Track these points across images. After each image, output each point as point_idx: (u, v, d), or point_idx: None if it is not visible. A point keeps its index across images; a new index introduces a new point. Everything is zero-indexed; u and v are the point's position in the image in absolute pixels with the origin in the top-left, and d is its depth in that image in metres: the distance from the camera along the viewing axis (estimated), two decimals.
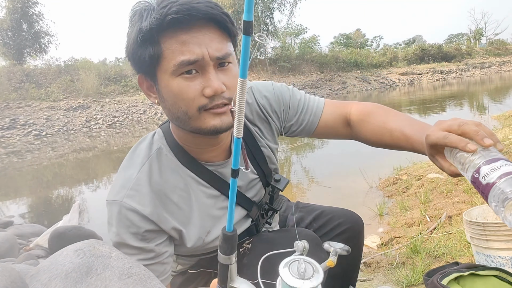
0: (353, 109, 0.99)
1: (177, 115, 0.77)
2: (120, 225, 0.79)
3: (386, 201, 3.45)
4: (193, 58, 0.71)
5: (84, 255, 0.68)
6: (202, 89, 0.74)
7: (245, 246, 0.93)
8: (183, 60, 0.71)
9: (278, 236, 0.94)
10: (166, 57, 0.72)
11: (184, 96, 0.74)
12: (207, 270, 0.96)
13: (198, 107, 0.75)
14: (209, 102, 0.74)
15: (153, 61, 0.73)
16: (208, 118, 0.76)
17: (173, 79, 0.74)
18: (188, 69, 0.73)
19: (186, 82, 0.73)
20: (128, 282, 0.64)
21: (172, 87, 0.74)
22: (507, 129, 5.69)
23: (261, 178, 0.98)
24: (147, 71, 0.77)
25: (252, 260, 0.90)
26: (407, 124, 0.85)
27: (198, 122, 0.76)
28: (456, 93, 16.67)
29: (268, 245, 0.91)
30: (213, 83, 0.73)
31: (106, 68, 19.72)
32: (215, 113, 0.76)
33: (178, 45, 0.72)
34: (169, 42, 0.72)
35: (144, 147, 0.87)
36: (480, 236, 1.55)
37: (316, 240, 0.93)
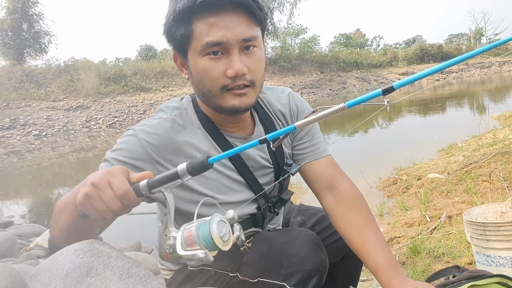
0: (345, 185, 1.01)
1: (202, 91, 0.84)
2: (119, 146, 0.84)
3: (386, 201, 3.45)
4: (218, 40, 0.77)
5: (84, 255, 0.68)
6: (225, 70, 0.79)
7: (245, 245, 0.93)
8: (208, 41, 0.77)
9: (279, 235, 0.94)
10: (196, 37, 0.79)
11: (209, 75, 0.80)
12: (208, 268, 0.96)
13: (221, 86, 0.81)
14: (231, 82, 0.80)
15: (184, 40, 0.80)
16: (229, 98, 0.82)
17: (200, 58, 0.80)
18: (214, 50, 0.79)
19: (211, 62, 0.79)
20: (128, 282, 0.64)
21: (199, 66, 0.81)
22: (507, 129, 5.69)
23: (275, 170, 1.01)
24: (179, 48, 0.84)
25: (252, 258, 0.90)
26: (385, 256, 0.88)
27: (220, 100, 0.82)
28: (456, 93, 16.67)
29: (268, 244, 0.91)
30: (235, 65, 0.78)
31: (106, 68, 19.70)
32: (236, 94, 0.82)
33: (206, 27, 0.77)
34: (199, 23, 0.78)
35: (173, 104, 0.93)
36: (480, 236, 1.55)
37: (316, 240, 0.93)
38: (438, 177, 3.62)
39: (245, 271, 0.89)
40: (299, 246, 0.89)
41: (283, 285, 0.85)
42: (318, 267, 0.88)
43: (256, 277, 0.87)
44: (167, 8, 0.84)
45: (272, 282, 0.86)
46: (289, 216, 1.23)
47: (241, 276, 0.90)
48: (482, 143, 4.95)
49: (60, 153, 10.02)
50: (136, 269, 0.68)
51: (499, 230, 1.48)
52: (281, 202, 1.04)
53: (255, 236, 0.96)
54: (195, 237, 0.59)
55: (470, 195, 2.94)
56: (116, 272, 0.65)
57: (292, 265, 0.86)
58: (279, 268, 0.86)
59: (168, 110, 0.91)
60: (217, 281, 0.94)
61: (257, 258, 0.89)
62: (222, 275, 0.93)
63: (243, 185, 0.95)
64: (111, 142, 11.64)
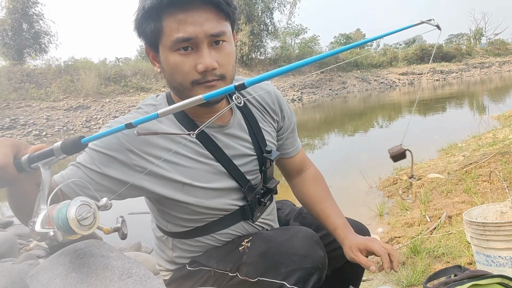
0: (311, 169, 1.20)
1: (174, 85, 0.87)
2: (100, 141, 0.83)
3: (386, 201, 3.45)
4: (187, 35, 0.79)
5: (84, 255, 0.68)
6: (195, 65, 0.81)
7: (244, 245, 0.93)
8: (178, 37, 0.79)
9: (278, 234, 0.94)
10: (166, 33, 0.81)
11: (180, 69, 0.82)
12: (206, 268, 0.96)
13: (192, 81, 0.83)
14: (201, 77, 0.82)
15: (154, 35, 0.82)
16: (200, 91, 0.83)
17: (171, 53, 0.82)
18: (184, 46, 0.81)
19: (181, 57, 0.82)
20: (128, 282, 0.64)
21: (169, 61, 0.83)
22: (507, 129, 5.69)
23: (258, 158, 1.01)
24: (151, 43, 0.86)
25: (251, 258, 0.89)
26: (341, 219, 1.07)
27: (191, 94, 0.83)
28: (456, 93, 16.66)
29: (267, 243, 0.91)
30: (205, 60, 0.80)
31: (106, 68, 19.68)
32: (206, 87, 0.83)
33: (175, 23, 0.79)
34: (168, 20, 0.80)
35: (148, 101, 0.96)
36: (480, 236, 1.55)
37: (315, 238, 0.92)
38: (438, 177, 3.62)
39: (245, 270, 0.89)
40: (298, 244, 0.89)
41: (283, 284, 0.85)
42: (318, 265, 0.88)
43: (256, 277, 0.87)
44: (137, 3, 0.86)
45: (272, 281, 0.86)
46: (289, 218, 1.22)
47: (241, 276, 0.89)
48: (482, 143, 4.95)
49: None
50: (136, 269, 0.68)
51: (499, 230, 1.48)
52: (268, 192, 1.04)
53: (254, 235, 0.96)
54: (52, 216, 0.60)
55: (470, 195, 2.94)
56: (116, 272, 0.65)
57: (292, 264, 0.86)
58: (279, 267, 0.86)
59: (144, 107, 0.93)
60: (217, 281, 0.93)
61: (257, 258, 0.89)
62: (222, 275, 0.93)
63: (224, 174, 0.95)
64: None
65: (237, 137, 0.98)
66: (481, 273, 1.11)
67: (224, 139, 0.95)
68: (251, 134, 1.00)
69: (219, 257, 0.95)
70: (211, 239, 0.98)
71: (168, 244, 1.02)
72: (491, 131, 5.81)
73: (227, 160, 0.95)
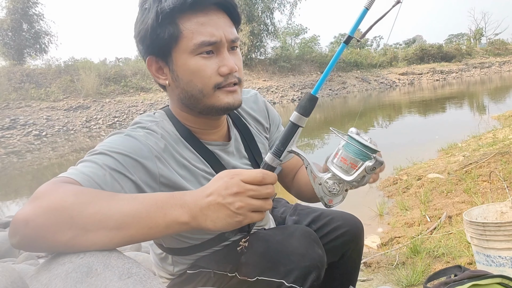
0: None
1: (191, 93, 0.83)
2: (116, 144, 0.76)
3: (386, 201, 3.45)
4: (213, 39, 0.79)
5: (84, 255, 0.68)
6: (217, 68, 0.81)
7: (241, 245, 0.93)
8: (203, 41, 0.78)
9: (275, 233, 0.94)
10: (186, 37, 0.78)
11: (202, 73, 0.80)
12: (206, 270, 0.96)
13: (214, 84, 0.82)
14: (223, 80, 0.82)
15: (172, 40, 0.79)
16: (222, 96, 0.83)
17: (191, 58, 0.80)
18: (207, 50, 0.79)
19: (204, 61, 0.80)
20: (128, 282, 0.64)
21: (190, 65, 0.80)
22: (507, 129, 5.69)
23: None
24: (160, 52, 0.82)
25: (250, 258, 0.89)
26: None
27: (212, 100, 0.83)
28: (456, 93, 16.66)
29: (265, 242, 0.91)
30: (229, 62, 0.81)
31: (106, 68, 19.69)
32: (228, 91, 0.83)
33: (197, 26, 0.78)
34: (189, 23, 0.78)
35: (146, 118, 0.88)
36: (480, 236, 1.55)
37: (312, 236, 0.92)
38: (438, 177, 3.62)
39: (244, 271, 0.89)
40: (296, 243, 0.89)
41: (282, 283, 0.85)
42: (316, 263, 0.87)
43: (255, 276, 0.87)
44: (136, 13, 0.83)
45: (271, 280, 0.86)
46: (284, 215, 1.22)
47: (240, 276, 0.89)
48: (482, 143, 4.95)
49: (60, 153, 10.01)
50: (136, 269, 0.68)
51: (499, 230, 1.48)
52: None
53: (251, 235, 0.96)
54: (352, 158, 0.64)
55: (470, 195, 2.94)
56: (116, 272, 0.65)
57: (290, 263, 0.86)
58: (277, 266, 0.86)
59: (145, 122, 0.87)
60: (216, 282, 0.93)
61: (255, 258, 0.89)
62: (221, 276, 0.93)
63: None
64: None
65: (237, 155, 0.98)
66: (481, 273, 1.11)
67: (227, 157, 0.94)
68: (247, 150, 1.00)
69: (218, 258, 0.95)
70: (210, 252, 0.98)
71: (167, 260, 1.01)
72: (491, 131, 5.81)
73: None
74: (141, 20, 0.81)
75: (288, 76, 23.22)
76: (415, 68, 28.08)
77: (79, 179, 0.67)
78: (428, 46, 31.35)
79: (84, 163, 0.74)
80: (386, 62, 28.91)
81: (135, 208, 0.62)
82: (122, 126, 14.88)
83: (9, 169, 8.56)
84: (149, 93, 18.51)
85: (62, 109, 15.81)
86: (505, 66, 30.94)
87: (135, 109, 16.36)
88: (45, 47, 21.66)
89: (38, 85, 17.12)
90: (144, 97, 17.83)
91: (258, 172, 0.66)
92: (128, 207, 0.62)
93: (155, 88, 19.11)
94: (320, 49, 29.84)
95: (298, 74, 23.78)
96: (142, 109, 16.39)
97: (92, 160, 0.73)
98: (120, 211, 0.61)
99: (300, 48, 27.47)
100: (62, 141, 12.47)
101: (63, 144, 11.78)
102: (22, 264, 2.21)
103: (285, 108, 16.99)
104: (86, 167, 0.71)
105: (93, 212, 0.60)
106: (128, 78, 19.24)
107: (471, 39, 39.89)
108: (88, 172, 0.70)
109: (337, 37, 38.29)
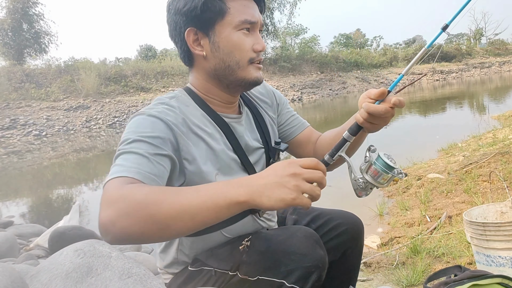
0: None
1: (228, 64, 0.94)
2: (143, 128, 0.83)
3: (386, 201, 3.45)
4: (253, 20, 0.93)
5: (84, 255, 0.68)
6: (253, 45, 0.93)
7: (244, 244, 0.93)
8: (246, 19, 0.91)
9: (277, 233, 0.94)
10: (232, 14, 0.91)
11: (242, 47, 0.93)
12: (208, 268, 0.96)
13: (249, 58, 0.94)
14: (256, 56, 0.95)
15: (219, 14, 0.91)
16: (253, 70, 0.95)
17: (234, 32, 0.92)
18: (247, 27, 0.92)
19: (244, 36, 0.93)
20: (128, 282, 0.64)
21: (232, 38, 0.92)
22: (507, 129, 5.69)
23: (265, 151, 1.07)
24: (204, 24, 0.92)
25: (251, 257, 0.90)
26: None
27: (244, 73, 0.95)
28: (456, 93, 16.66)
29: (267, 242, 0.91)
30: (262, 41, 0.95)
31: (106, 68, 19.66)
32: (257, 67, 0.96)
33: (241, 7, 0.92)
34: (234, 3, 0.91)
35: (167, 95, 0.97)
36: (480, 236, 1.55)
37: (314, 237, 0.93)
38: (438, 177, 3.62)
39: (245, 269, 0.89)
40: (298, 243, 0.89)
41: (283, 283, 0.85)
42: (318, 264, 0.88)
43: (256, 276, 0.87)
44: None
45: (272, 280, 0.86)
46: (284, 215, 1.23)
47: (241, 274, 0.89)
48: (482, 143, 4.95)
49: (60, 153, 10.02)
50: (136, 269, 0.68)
51: (499, 230, 1.48)
52: None
53: (253, 235, 0.96)
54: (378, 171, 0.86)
55: (470, 195, 2.94)
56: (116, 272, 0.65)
57: (291, 263, 0.86)
58: (279, 266, 0.86)
59: (164, 99, 0.95)
60: (218, 281, 0.94)
61: (256, 257, 0.89)
62: (222, 275, 0.93)
63: (239, 167, 1.00)
64: (111, 142, 11.64)
65: (247, 128, 1.05)
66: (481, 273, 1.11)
67: (239, 128, 1.02)
68: (256, 126, 1.08)
69: (220, 256, 0.95)
70: (218, 236, 0.99)
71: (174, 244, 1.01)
72: (491, 131, 5.81)
73: (242, 152, 1.00)
74: None
75: (288, 76, 23.21)
76: (415, 68, 28.04)
77: (139, 178, 0.73)
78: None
79: (125, 155, 0.78)
80: (386, 62, 28.91)
81: (201, 199, 0.68)
82: (122, 126, 14.88)
83: (9, 169, 8.56)
84: (149, 93, 18.51)
85: (62, 109, 15.80)
86: (505, 66, 30.94)
87: (135, 109, 16.36)
88: (45, 47, 21.64)
89: (38, 85, 17.12)
90: (144, 97, 17.82)
91: (313, 159, 0.72)
92: (196, 200, 0.68)
93: (155, 88, 19.11)
94: (320, 49, 29.81)
95: (298, 74, 23.77)
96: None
97: (132, 151, 0.78)
98: (190, 204, 0.67)
99: (300, 48, 27.45)
100: (62, 141, 12.46)
101: (63, 144, 11.78)
102: (22, 264, 2.21)
103: None
104: (130, 161, 0.76)
105: (168, 209, 0.67)
106: (128, 78, 19.23)
107: (471, 39, 39.87)
108: (137, 166, 0.75)
109: (337, 37, 38.28)
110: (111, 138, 12.49)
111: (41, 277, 0.65)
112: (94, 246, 0.73)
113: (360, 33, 41.09)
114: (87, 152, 9.97)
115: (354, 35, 40.06)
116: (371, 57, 29.20)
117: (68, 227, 2.81)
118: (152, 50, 26.43)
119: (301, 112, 15.56)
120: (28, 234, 3.39)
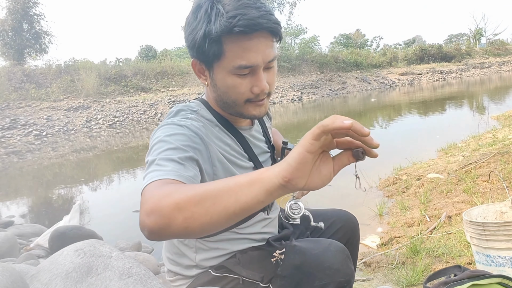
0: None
1: (225, 101, 0.93)
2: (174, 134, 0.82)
3: (386, 201, 3.45)
4: (250, 64, 0.85)
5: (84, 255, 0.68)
6: (251, 87, 0.89)
7: (277, 256, 0.94)
8: (241, 64, 0.85)
9: (311, 247, 0.95)
10: (227, 58, 0.85)
11: (236, 90, 0.89)
12: (234, 276, 0.96)
13: (246, 99, 0.91)
14: (254, 97, 0.91)
15: (215, 57, 0.86)
16: (250, 108, 0.93)
17: (229, 75, 0.88)
18: (244, 73, 0.87)
19: (239, 80, 0.88)
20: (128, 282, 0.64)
21: (226, 81, 0.88)
22: (507, 129, 5.69)
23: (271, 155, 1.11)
24: (204, 60, 0.89)
25: (286, 271, 0.91)
26: None
27: (241, 109, 0.93)
28: (456, 93, 16.66)
29: (302, 256, 0.92)
30: (261, 84, 0.88)
31: (106, 68, 19.66)
32: (256, 105, 0.93)
33: (239, 51, 0.84)
34: (232, 46, 0.83)
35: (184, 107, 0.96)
36: (480, 236, 1.55)
37: (346, 252, 0.95)
38: (437, 177, 3.62)
39: (279, 283, 0.91)
40: (332, 258, 0.91)
41: None
42: (350, 279, 0.91)
43: None
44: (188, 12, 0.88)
45: None
46: None
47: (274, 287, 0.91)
48: (482, 143, 4.95)
49: (61, 153, 10.01)
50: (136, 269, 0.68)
51: (498, 230, 1.49)
52: None
53: (287, 248, 0.97)
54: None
55: (470, 195, 2.94)
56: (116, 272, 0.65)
57: (326, 277, 0.88)
58: (313, 280, 0.88)
59: (186, 111, 0.94)
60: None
61: (291, 270, 0.91)
62: (252, 285, 0.94)
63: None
64: (111, 142, 11.64)
65: (258, 137, 1.08)
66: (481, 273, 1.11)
67: (252, 139, 1.05)
68: (264, 135, 1.12)
69: (248, 265, 0.96)
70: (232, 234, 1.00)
71: (191, 245, 1.00)
72: (490, 131, 5.81)
73: (257, 160, 1.03)
74: (191, 28, 0.87)
75: (288, 76, 23.21)
76: (414, 68, 28.06)
77: (180, 179, 0.70)
78: (427, 46, 31.32)
79: (160, 161, 0.74)
80: (386, 62, 28.90)
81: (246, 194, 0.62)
82: (122, 126, 14.88)
83: (9, 169, 8.56)
84: (149, 93, 18.51)
85: (62, 109, 15.80)
86: (504, 66, 30.92)
87: (135, 109, 16.36)
88: (46, 47, 21.64)
89: (38, 85, 17.12)
90: (144, 97, 17.82)
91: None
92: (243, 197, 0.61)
93: (155, 88, 19.12)
94: (320, 49, 29.84)
95: (298, 74, 23.77)
96: (142, 109, 16.38)
97: (168, 158, 0.75)
98: (236, 200, 0.61)
99: (300, 48, 27.45)
100: (62, 141, 12.46)
101: (63, 144, 11.78)
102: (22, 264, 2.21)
103: (285, 108, 17.00)
104: (167, 166, 0.73)
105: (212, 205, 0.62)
106: (128, 78, 19.23)
107: (471, 39, 39.86)
108: (176, 170, 0.72)
109: (337, 37, 38.28)
110: (111, 138, 12.49)
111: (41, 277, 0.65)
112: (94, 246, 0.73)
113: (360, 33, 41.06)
114: (87, 152, 9.97)
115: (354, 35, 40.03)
116: (371, 57, 29.19)
117: (69, 227, 2.81)
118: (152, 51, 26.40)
119: (301, 112, 15.56)
120: (29, 234, 3.40)
